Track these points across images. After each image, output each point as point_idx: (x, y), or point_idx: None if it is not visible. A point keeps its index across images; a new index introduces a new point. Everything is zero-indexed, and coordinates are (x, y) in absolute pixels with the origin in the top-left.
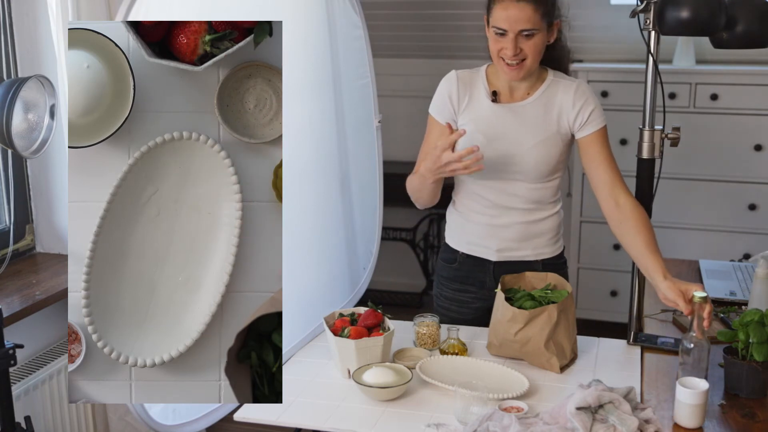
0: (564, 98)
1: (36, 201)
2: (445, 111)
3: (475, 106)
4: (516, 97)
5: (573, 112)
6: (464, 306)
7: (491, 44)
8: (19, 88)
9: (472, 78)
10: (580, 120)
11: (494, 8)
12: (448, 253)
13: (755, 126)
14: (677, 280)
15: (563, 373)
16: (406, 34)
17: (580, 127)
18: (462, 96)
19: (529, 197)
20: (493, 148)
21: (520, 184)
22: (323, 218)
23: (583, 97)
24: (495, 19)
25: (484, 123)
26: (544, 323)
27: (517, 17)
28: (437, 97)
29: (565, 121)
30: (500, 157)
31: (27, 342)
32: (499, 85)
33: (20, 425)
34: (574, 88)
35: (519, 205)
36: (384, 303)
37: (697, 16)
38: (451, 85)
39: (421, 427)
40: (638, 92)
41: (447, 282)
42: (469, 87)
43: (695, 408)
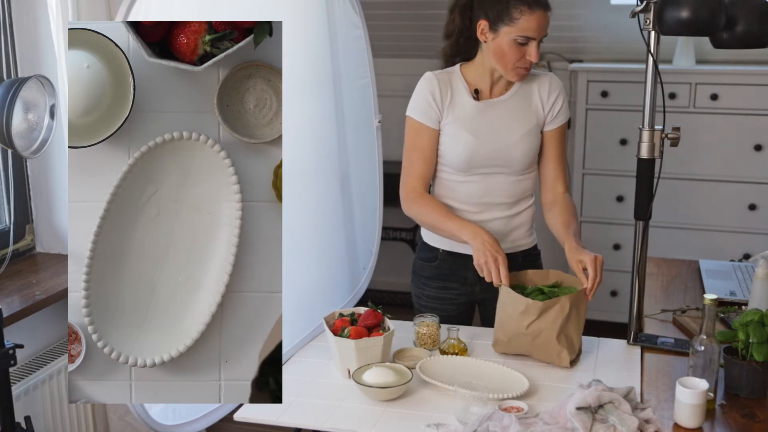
0: (541, 91)
1: (36, 201)
2: (430, 112)
3: (457, 105)
4: (495, 93)
5: (548, 105)
6: (447, 303)
7: (508, 53)
8: (19, 88)
9: (449, 78)
10: (552, 114)
11: (521, 18)
12: (426, 252)
13: (755, 126)
14: (581, 250)
15: (567, 369)
16: (406, 34)
17: (550, 121)
18: (444, 95)
19: (510, 191)
20: (480, 144)
21: (503, 177)
22: (323, 218)
23: (557, 90)
24: (522, 28)
25: (469, 121)
26: (556, 315)
27: (544, 25)
28: (419, 99)
29: (542, 112)
30: (487, 152)
31: (27, 342)
32: (477, 83)
33: (20, 425)
34: (549, 81)
35: (500, 199)
36: (384, 303)
37: (697, 16)
38: (432, 85)
39: (421, 427)
40: (638, 92)
41: (427, 281)
42: (449, 86)
43: (695, 408)
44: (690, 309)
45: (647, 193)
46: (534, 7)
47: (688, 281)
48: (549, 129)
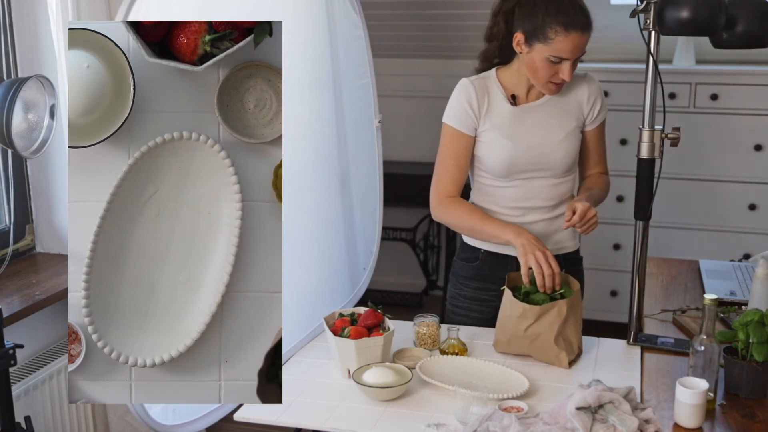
0: (579, 92)
1: (36, 201)
2: (467, 120)
3: (494, 111)
4: (531, 97)
5: (588, 106)
6: (485, 305)
7: (541, 70)
8: (19, 88)
9: (485, 84)
10: (593, 114)
11: (556, 38)
12: (467, 252)
13: (755, 126)
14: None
15: (567, 369)
16: (406, 34)
17: (590, 122)
18: (481, 103)
19: (551, 194)
20: (519, 150)
21: (544, 181)
22: (323, 218)
23: (596, 91)
24: (557, 49)
25: (508, 127)
26: (554, 318)
27: (581, 47)
28: (456, 107)
29: (581, 114)
30: (528, 158)
31: (27, 342)
32: (513, 88)
33: (20, 425)
34: (587, 82)
35: (541, 203)
36: (384, 303)
37: (697, 16)
38: (469, 93)
39: (421, 427)
40: (638, 92)
41: (467, 281)
42: (486, 93)
43: (695, 408)
44: (690, 309)
45: (647, 193)
46: (570, 30)
47: (688, 281)
48: (589, 129)
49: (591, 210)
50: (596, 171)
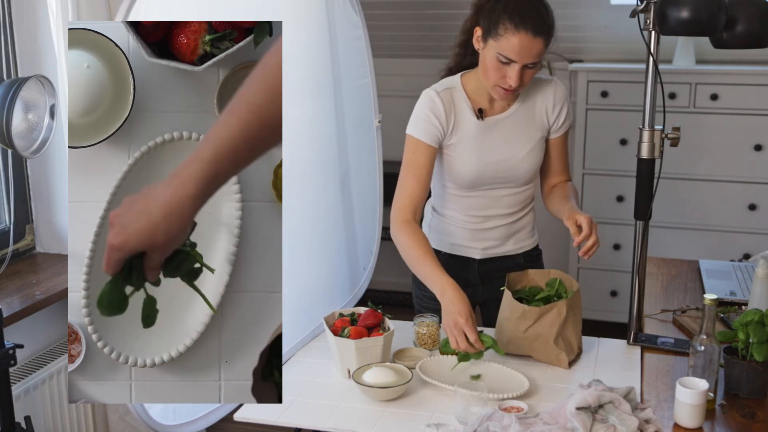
0: (545, 100)
1: (36, 201)
2: (433, 131)
3: (461, 126)
4: (497, 108)
5: (553, 115)
6: None
7: (490, 69)
8: (19, 88)
9: (452, 96)
10: (557, 125)
11: (504, 35)
12: None
13: (755, 126)
14: (579, 212)
15: (567, 370)
16: (406, 34)
17: (555, 131)
18: (449, 117)
19: (512, 202)
20: (485, 164)
21: (506, 190)
22: (323, 218)
23: (561, 101)
24: (503, 47)
25: (474, 141)
26: (553, 319)
27: (530, 51)
28: (421, 118)
29: (546, 123)
30: (493, 172)
31: (27, 342)
32: (480, 100)
33: (20, 425)
34: (553, 92)
35: (501, 211)
36: (384, 303)
37: (697, 16)
38: (436, 105)
39: (421, 427)
40: (638, 92)
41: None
42: (452, 106)
43: (695, 408)
44: (690, 309)
45: (647, 193)
46: (520, 28)
47: (688, 281)
48: (554, 137)
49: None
50: (562, 179)
